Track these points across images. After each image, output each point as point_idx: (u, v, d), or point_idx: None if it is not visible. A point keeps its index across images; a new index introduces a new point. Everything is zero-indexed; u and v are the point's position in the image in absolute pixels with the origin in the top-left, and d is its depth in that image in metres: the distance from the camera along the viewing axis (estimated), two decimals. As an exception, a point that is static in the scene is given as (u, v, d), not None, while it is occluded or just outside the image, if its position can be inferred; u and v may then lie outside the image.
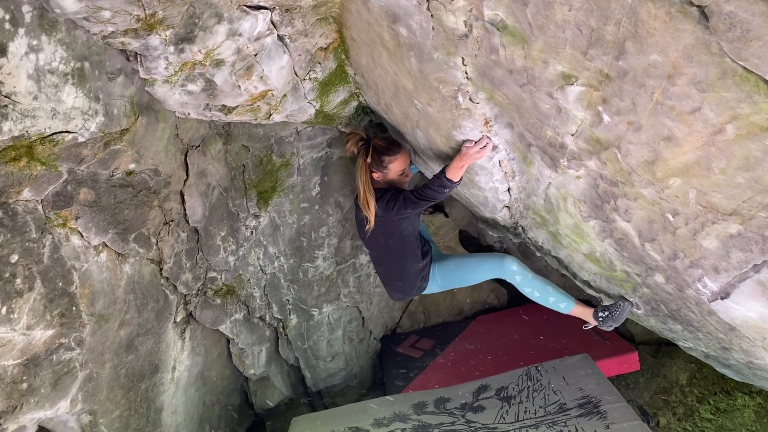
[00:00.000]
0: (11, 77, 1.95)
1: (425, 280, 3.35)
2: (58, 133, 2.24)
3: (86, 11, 2.02)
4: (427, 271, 3.35)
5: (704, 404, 3.95)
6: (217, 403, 4.17)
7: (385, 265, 3.38)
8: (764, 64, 1.21)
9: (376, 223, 3.09)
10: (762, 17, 1.13)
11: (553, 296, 3.13)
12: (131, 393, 3.11)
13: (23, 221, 2.31)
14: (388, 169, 3.10)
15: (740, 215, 1.67)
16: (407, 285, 3.35)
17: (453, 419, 3.54)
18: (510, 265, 3.13)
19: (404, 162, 3.15)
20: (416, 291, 3.40)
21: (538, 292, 3.13)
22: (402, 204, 2.96)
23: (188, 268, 3.44)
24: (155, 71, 2.43)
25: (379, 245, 3.26)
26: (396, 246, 3.18)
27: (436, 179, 2.79)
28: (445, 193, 2.83)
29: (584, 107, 1.87)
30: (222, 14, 2.30)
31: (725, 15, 1.19)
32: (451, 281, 3.38)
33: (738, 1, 1.14)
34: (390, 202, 3.00)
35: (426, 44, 2.20)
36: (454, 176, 2.73)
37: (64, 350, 2.57)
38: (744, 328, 2.12)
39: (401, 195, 2.99)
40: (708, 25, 1.25)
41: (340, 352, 4.69)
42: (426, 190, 2.84)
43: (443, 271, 3.35)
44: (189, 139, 3.24)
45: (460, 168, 2.69)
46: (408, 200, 2.93)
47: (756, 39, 1.18)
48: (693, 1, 1.25)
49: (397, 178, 3.16)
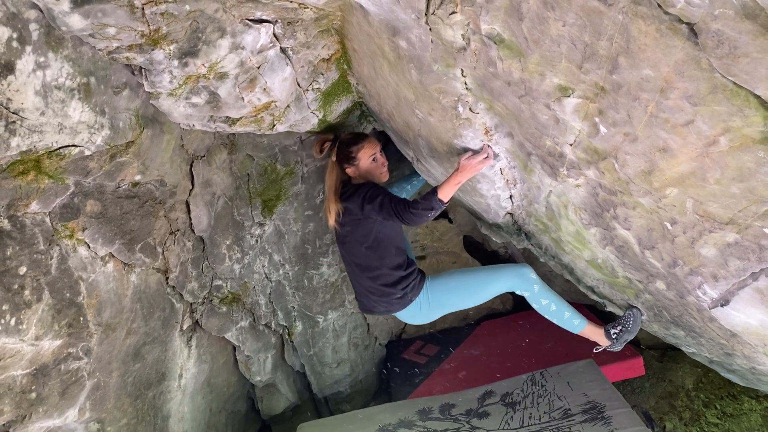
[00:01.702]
0: (19, 94, 1.99)
1: (412, 291, 3.05)
2: (65, 147, 2.28)
3: (92, 28, 2.06)
4: (415, 283, 3.05)
5: (711, 409, 3.94)
6: (223, 410, 4.20)
7: (359, 272, 3.12)
8: (753, 79, 1.24)
9: (351, 224, 2.98)
10: (749, 35, 1.15)
11: (568, 311, 3.04)
12: (138, 401, 3.14)
13: (31, 233, 2.36)
14: (357, 158, 3.03)
15: (736, 224, 1.69)
16: (383, 294, 3.06)
17: (458, 425, 3.55)
18: (530, 273, 3.02)
19: (372, 147, 3.08)
20: (397, 301, 3.07)
21: (555, 306, 3.03)
22: (377, 206, 2.82)
23: (194, 277, 3.48)
24: (160, 85, 2.46)
25: (354, 251, 3.08)
26: (371, 250, 3.01)
27: (426, 200, 2.69)
28: (429, 216, 2.72)
29: (581, 118, 1.89)
30: (225, 28, 2.34)
31: (713, 33, 1.22)
32: (450, 301, 3.10)
33: (725, 19, 1.17)
34: (366, 197, 2.87)
35: (425, 56, 2.23)
36: (445, 196, 2.66)
37: (71, 360, 2.61)
38: (745, 334, 2.13)
39: (379, 196, 2.83)
40: (697, 41, 1.28)
41: (346, 358, 4.71)
42: (408, 211, 2.71)
43: (439, 289, 3.08)
44: (194, 150, 3.28)
45: (456, 185, 2.63)
46: (384, 206, 2.80)
47: (744, 56, 1.20)
48: (682, 19, 1.27)
49: (371, 167, 3.06)
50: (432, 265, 5.18)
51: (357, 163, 3.06)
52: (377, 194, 2.87)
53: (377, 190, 2.89)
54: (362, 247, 3.04)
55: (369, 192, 2.90)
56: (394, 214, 2.78)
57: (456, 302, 3.12)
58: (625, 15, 1.38)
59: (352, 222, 3.00)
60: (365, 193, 2.91)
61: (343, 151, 3.05)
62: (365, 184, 2.98)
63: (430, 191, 2.72)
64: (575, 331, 3.08)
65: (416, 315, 3.16)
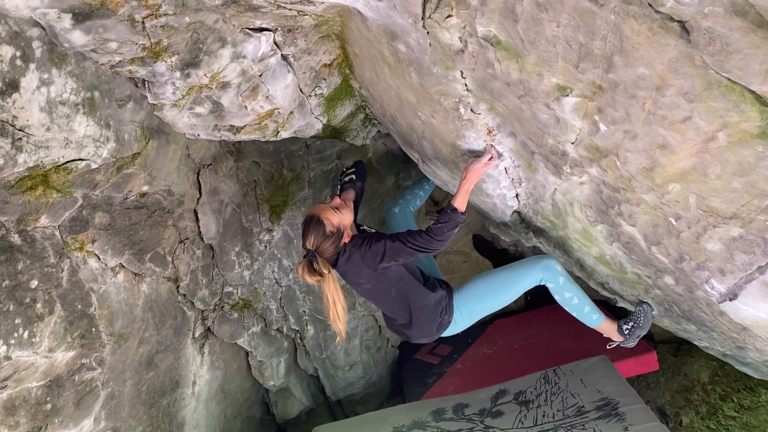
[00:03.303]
0: (24, 111, 2.02)
1: (446, 313, 2.94)
2: (72, 161, 2.32)
3: (94, 44, 2.09)
4: (446, 304, 2.95)
5: (728, 402, 3.91)
6: (238, 416, 4.23)
7: (398, 315, 2.97)
8: (747, 75, 1.23)
9: (372, 280, 2.76)
10: (739, 32, 1.15)
11: (588, 306, 2.97)
12: (153, 409, 3.18)
13: (41, 247, 2.39)
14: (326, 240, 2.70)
15: (740, 218, 1.68)
16: (426, 325, 2.95)
17: (472, 425, 3.56)
18: (555, 265, 2.90)
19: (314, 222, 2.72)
20: (437, 329, 2.98)
21: (577, 299, 2.94)
22: (392, 255, 2.65)
23: (204, 284, 3.51)
24: (163, 96, 2.49)
25: (386, 299, 2.89)
26: (400, 293, 2.84)
27: (445, 217, 2.61)
28: (454, 232, 2.64)
29: (581, 117, 1.89)
30: (225, 38, 2.36)
31: (704, 30, 1.21)
32: (482, 308, 3.02)
33: (715, 17, 1.16)
34: (369, 251, 2.66)
35: (425, 59, 2.24)
36: (461, 206, 2.61)
37: (85, 370, 2.65)
38: (755, 328, 2.12)
39: (385, 243, 2.65)
40: (689, 39, 1.27)
41: (358, 360, 4.73)
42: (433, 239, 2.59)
43: (468, 299, 2.99)
44: (200, 159, 3.31)
45: (467, 192, 2.61)
46: (400, 252, 2.64)
47: (736, 52, 1.20)
48: (673, 17, 1.27)
49: (336, 224, 2.72)
50: (442, 266, 5.18)
51: (327, 241, 2.71)
52: (382, 245, 2.67)
53: (378, 241, 2.69)
54: (390, 292, 2.87)
55: (372, 248, 2.68)
56: (418, 249, 2.64)
57: (489, 307, 3.05)
58: (617, 15, 1.38)
59: (371, 279, 2.79)
60: (366, 248, 2.69)
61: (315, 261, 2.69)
62: (356, 238, 2.75)
63: (445, 208, 2.66)
64: (593, 325, 3.03)
65: (454, 329, 3.07)
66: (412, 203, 3.76)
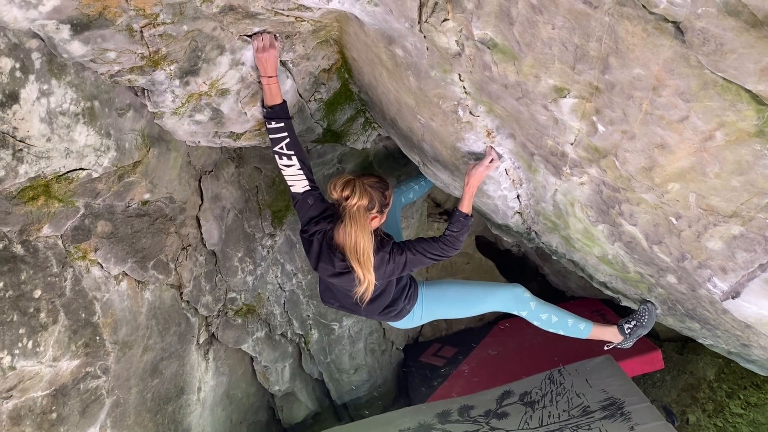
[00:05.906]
0: (24, 122, 2.03)
1: (409, 301, 2.92)
2: (73, 170, 2.33)
3: (92, 54, 2.10)
4: (411, 293, 2.92)
5: (734, 399, 3.89)
6: (244, 421, 4.24)
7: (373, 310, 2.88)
8: (742, 74, 1.23)
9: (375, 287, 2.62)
10: (733, 31, 1.15)
11: (571, 318, 3.00)
12: (158, 416, 3.19)
13: (44, 257, 2.40)
14: (388, 206, 2.67)
15: (740, 217, 1.68)
16: (386, 307, 2.88)
17: (477, 427, 3.56)
18: (523, 293, 2.98)
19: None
20: (397, 313, 2.92)
21: (555, 317, 2.98)
22: (409, 266, 2.63)
23: (208, 291, 3.51)
24: (163, 104, 2.50)
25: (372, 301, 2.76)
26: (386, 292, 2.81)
27: (455, 223, 2.64)
28: (465, 236, 2.67)
29: (579, 118, 1.89)
30: (224, 46, 2.37)
31: (698, 30, 1.21)
32: (443, 311, 3.04)
33: (708, 17, 1.16)
34: (392, 265, 2.60)
35: (422, 63, 2.24)
36: (467, 209, 2.65)
37: (90, 379, 2.65)
38: (759, 325, 2.12)
39: (405, 257, 2.60)
40: (684, 39, 1.27)
41: (363, 364, 4.73)
42: (449, 246, 2.61)
43: (435, 298, 2.99)
44: (201, 165, 3.31)
45: (471, 196, 2.64)
46: (418, 262, 2.62)
47: (730, 52, 1.20)
48: (667, 18, 1.27)
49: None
50: (445, 267, 5.18)
51: (386, 211, 2.65)
52: (403, 259, 2.61)
53: (401, 254, 2.62)
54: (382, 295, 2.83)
55: (395, 261, 2.61)
56: (437, 259, 2.65)
57: (449, 313, 3.09)
58: (611, 16, 1.38)
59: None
60: (392, 265, 2.61)
61: (379, 196, 2.59)
62: (384, 254, 2.60)
63: (455, 215, 2.67)
64: (583, 336, 3.02)
65: (407, 323, 3.05)
66: (405, 194, 3.81)
